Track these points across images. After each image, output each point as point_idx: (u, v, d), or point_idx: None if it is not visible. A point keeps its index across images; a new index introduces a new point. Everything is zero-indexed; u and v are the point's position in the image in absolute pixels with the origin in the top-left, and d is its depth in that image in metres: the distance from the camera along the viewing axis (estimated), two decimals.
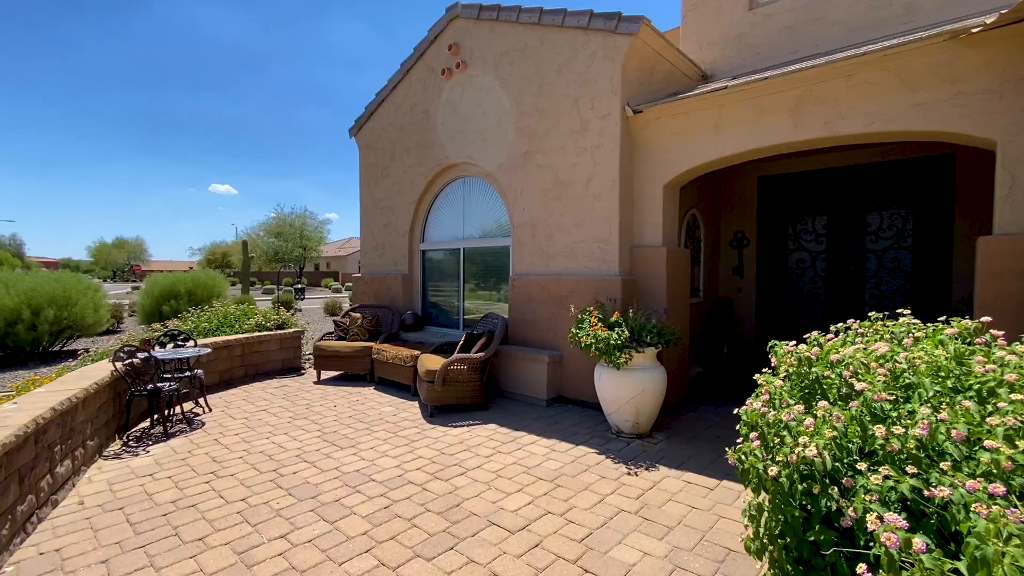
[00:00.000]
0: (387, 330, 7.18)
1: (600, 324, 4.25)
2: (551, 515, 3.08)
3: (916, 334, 2.26)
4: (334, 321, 7.28)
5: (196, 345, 5.80)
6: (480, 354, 5.09)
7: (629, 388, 4.26)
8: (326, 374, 7.00)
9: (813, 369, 2.21)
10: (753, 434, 2.09)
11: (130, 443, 4.40)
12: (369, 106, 8.21)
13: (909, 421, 1.78)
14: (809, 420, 1.80)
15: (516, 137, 6.05)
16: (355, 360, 6.57)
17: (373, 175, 8.24)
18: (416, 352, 5.91)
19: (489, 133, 6.36)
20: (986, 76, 3.54)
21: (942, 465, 1.54)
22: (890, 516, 1.32)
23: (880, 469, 1.59)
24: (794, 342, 2.49)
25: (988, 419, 1.64)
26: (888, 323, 2.46)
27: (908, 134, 3.96)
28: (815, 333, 2.55)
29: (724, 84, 4.61)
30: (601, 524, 2.98)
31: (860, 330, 2.64)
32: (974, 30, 3.38)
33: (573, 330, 4.51)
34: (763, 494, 2.08)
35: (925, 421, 1.62)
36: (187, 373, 5.22)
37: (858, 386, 1.80)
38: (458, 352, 5.32)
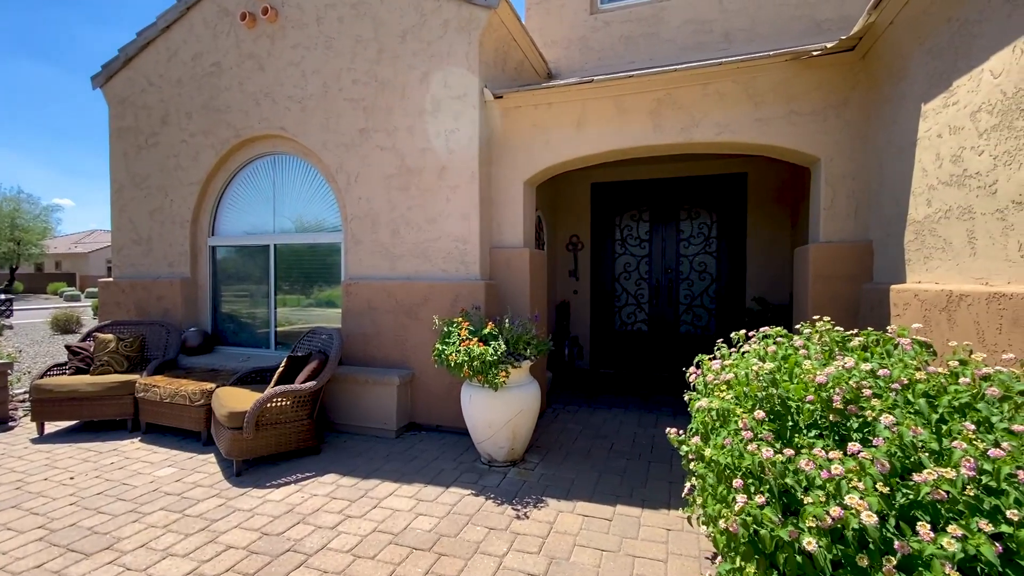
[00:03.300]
0: (160, 355, 5.27)
1: (475, 339, 3.55)
2: None
3: (852, 343, 2.15)
4: (69, 347, 5.03)
5: None
6: (311, 383, 3.91)
7: (506, 410, 3.66)
8: (54, 426, 4.78)
9: (777, 391, 1.90)
10: (737, 482, 1.66)
11: None
12: (126, 49, 6.00)
13: (923, 454, 1.53)
14: (837, 468, 1.42)
15: (349, 110, 4.95)
16: (106, 402, 4.59)
17: (133, 142, 6.05)
18: (209, 385, 4.35)
19: (311, 102, 5.10)
20: (815, 98, 3.93)
21: (1009, 514, 1.28)
22: None
23: (949, 528, 1.26)
24: (720, 358, 2.19)
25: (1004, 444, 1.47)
26: (815, 330, 2.35)
27: (751, 146, 4.23)
28: (760, 346, 2.30)
29: (590, 78, 4.37)
30: None
31: (779, 339, 2.49)
32: (815, 53, 3.70)
33: (438, 346, 3.72)
34: (748, 558, 1.66)
35: (970, 459, 1.36)
36: None
37: (885, 420, 1.49)
38: (277, 382, 4.02)
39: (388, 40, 4.80)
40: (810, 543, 1.34)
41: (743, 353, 2.55)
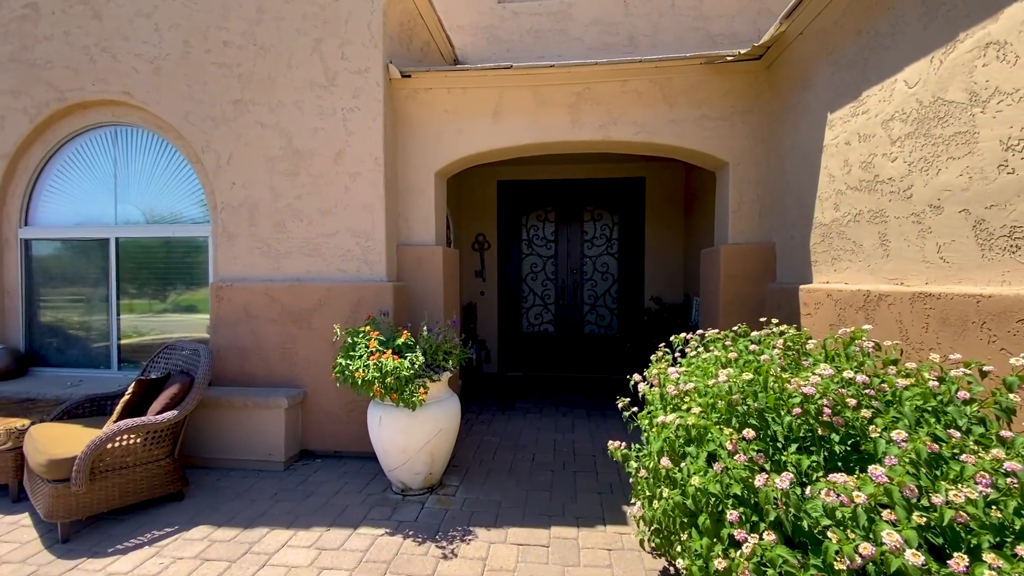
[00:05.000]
0: None
1: (388, 350, 3.05)
2: None
3: (808, 346, 2.08)
4: None
5: None
6: (171, 413, 3.09)
7: (424, 431, 3.21)
8: None
9: (755, 404, 1.74)
10: (732, 515, 1.44)
11: None
12: None
13: (922, 470, 1.44)
14: (860, 495, 1.25)
15: (219, 77, 4.10)
16: None
17: None
18: (20, 422, 3.29)
19: (167, 63, 4.15)
20: (724, 104, 4.03)
21: None
22: None
23: (986, 557, 1.14)
24: (676, 365, 2.01)
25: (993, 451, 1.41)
26: (764, 333, 2.28)
27: (666, 148, 4.24)
28: (721, 352, 2.15)
29: (508, 64, 4.07)
30: None
31: (728, 343, 2.39)
32: (728, 58, 3.77)
33: (341, 360, 3.15)
34: None
35: (985, 475, 1.26)
36: None
37: (896, 436, 1.35)
38: (124, 413, 3.13)
39: None
40: None
41: (690, 360, 2.42)
